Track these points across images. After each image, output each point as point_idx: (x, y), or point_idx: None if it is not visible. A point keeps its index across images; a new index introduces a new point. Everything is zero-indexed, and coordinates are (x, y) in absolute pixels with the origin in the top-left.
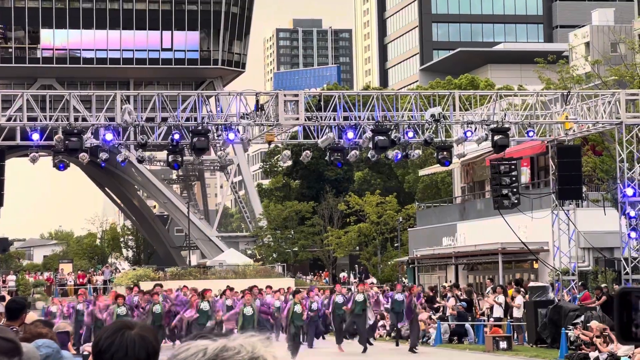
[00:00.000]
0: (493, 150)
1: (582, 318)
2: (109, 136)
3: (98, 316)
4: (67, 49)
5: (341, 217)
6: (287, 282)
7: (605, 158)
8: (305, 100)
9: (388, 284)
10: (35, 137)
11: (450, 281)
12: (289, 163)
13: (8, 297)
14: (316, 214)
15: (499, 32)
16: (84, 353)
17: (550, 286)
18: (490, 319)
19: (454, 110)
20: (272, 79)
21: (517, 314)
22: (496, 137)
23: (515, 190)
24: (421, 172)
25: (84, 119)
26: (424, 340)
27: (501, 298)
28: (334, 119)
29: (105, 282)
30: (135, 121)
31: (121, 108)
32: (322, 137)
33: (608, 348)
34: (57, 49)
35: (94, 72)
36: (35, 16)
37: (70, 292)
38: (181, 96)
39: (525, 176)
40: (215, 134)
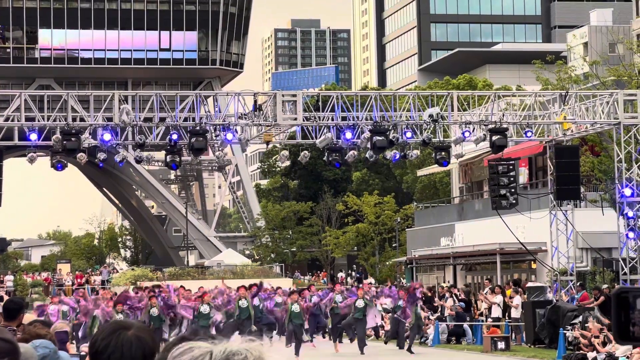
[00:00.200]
0: (491, 150)
1: (580, 318)
2: (107, 136)
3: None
4: (65, 49)
5: (339, 218)
6: (285, 283)
7: (603, 158)
8: (303, 100)
9: (381, 286)
10: (33, 137)
11: (448, 281)
12: (287, 163)
13: (6, 297)
14: (314, 214)
15: (497, 33)
16: (82, 353)
17: (548, 286)
18: (488, 320)
19: (452, 110)
20: (270, 79)
21: (515, 315)
22: (494, 138)
23: (513, 190)
24: (419, 173)
25: (82, 119)
26: (422, 340)
27: (499, 298)
28: (332, 119)
29: (103, 283)
30: (133, 121)
31: (119, 108)
32: (320, 138)
33: (606, 348)
34: (55, 49)
35: (92, 72)
36: (33, 16)
37: (68, 293)
38: (179, 96)
39: (523, 176)
40: (213, 134)
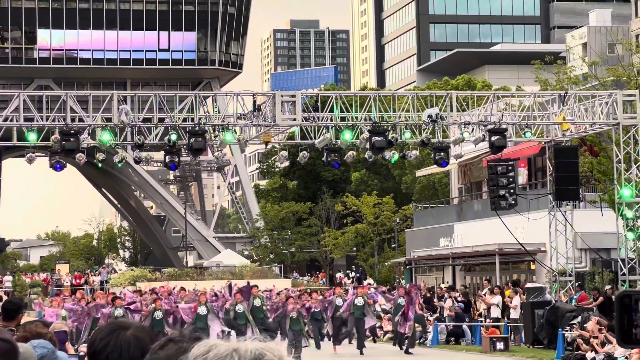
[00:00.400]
0: (490, 151)
1: (579, 319)
2: (106, 136)
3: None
4: (64, 49)
5: (338, 218)
6: (284, 283)
7: (602, 159)
8: (302, 100)
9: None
10: (31, 138)
11: (447, 282)
12: (286, 164)
13: (5, 298)
14: (313, 215)
15: (496, 33)
16: (80, 354)
17: (547, 287)
18: (487, 320)
19: (451, 111)
20: (270, 80)
21: (514, 315)
22: (493, 138)
23: (512, 191)
24: (418, 173)
25: (81, 120)
26: (421, 341)
27: (498, 299)
28: (331, 120)
29: (102, 283)
30: (132, 122)
31: (118, 108)
32: (319, 138)
33: (605, 349)
34: (54, 49)
35: (91, 73)
36: (32, 16)
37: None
38: (178, 97)
39: (522, 177)
40: (212, 135)
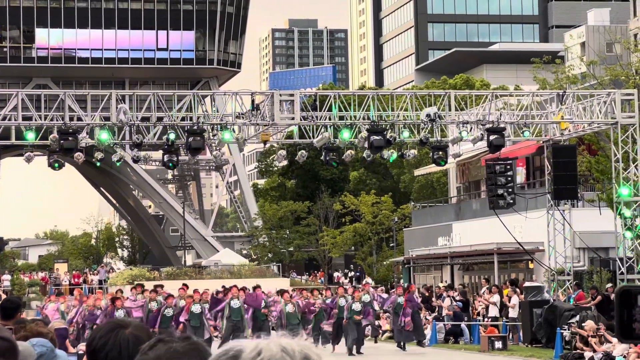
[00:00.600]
0: (488, 150)
1: (577, 318)
2: (104, 136)
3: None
4: (62, 49)
5: (336, 217)
6: (282, 282)
7: (600, 158)
8: (300, 100)
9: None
10: (30, 137)
11: (445, 281)
12: (285, 163)
13: (3, 297)
14: (311, 214)
15: (495, 32)
16: (79, 352)
17: (545, 286)
18: (486, 319)
19: (450, 110)
20: (268, 79)
21: (513, 314)
22: (492, 137)
23: (510, 190)
24: (417, 172)
25: (79, 119)
26: (420, 340)
27: (496, 298)
28: (330, 119)
29: (100, 282)
30: (130, 121)
31: (116, 108)
32: (318, 137)
33: (603, 347)
34: (52, 49)
35: (90, 72)
36: (30, 15)
37: (65, 292)
38: (177, 96)
39: (520, 176)
40: (210, 134)
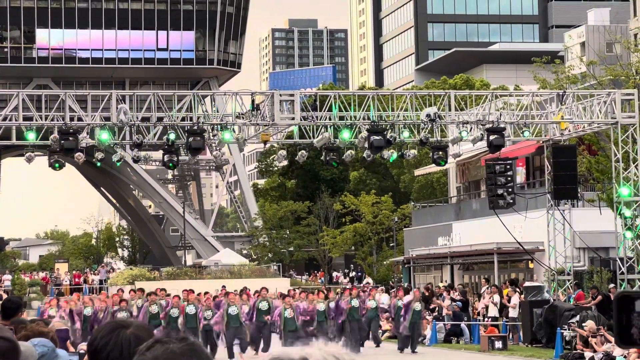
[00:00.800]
0: (488, 150)
1: (578, 318)
2: (105, 136)
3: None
4: (63, 49)
5: (337, 217)
6: (282, 282)
7: (600, 158)
8: (300, 100)
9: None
10: (30, 137)
11: (445, 281)
12: (285, 163)
13: (4, 296)
14: (312, 214)
15: (495, 32)
16: (80, 352)
17: (545, 286)
18: (486, 319)
19: (450, 110)
20: (268, 79)
21: (513, 314)
22: (491, 137)
23: (510, 190)
24: (417, 172)
25: (80, 119)
26: (420, 340)
27: (496, 298)
28: (330, 119)
29: (101, 282)
30: (130, 121)
31: (117, 108)
32: (318, 137)
33: (603, 348)
34: (53, 49)
35: (90, 72)
36: (30, 16)
37: (66, 292)
38: (177, 96)
39: (520, 176)
40: (210, 134)
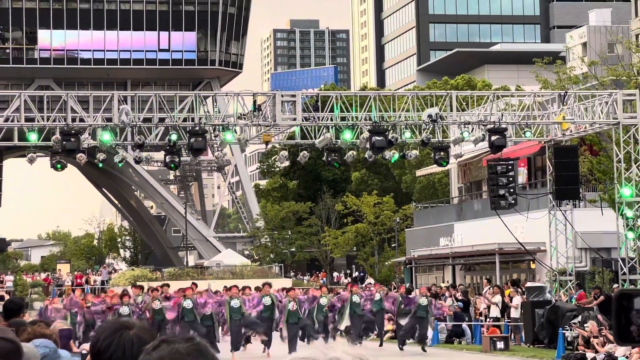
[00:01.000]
0: (490, 150)
1: (579, 318)
2: (107, 137)
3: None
4: (65, 50)
5: (338, 218)
6: (285, 283)
7: (602, 158)
8: (302, 100)
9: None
10: (32, 138)
11: (447, 281)
12: (286, 163)
13: (7, 297)
14: (313, 215)
15: (496, 33)
16: (82, 352)
17: (547, 286)
18: (488, 319)
19: (451, 110)
20: (270, 80)
21: (515, 314)
22: (493, 138)
23: (512, 190)
24: (418, 173)
25: (82, 120)
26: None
27: (498, 298)
28: (331, 120)
29: (102, 283)
30: (132, 122)
31: (118, 108)
32: (320, 138)
33: (605, 348)
34: (55, 50)
35: (92, 73)
36: (32, 17)
37: (67, 293)
38: (178, 97)
39: (522, 176)
40: (212, 135)
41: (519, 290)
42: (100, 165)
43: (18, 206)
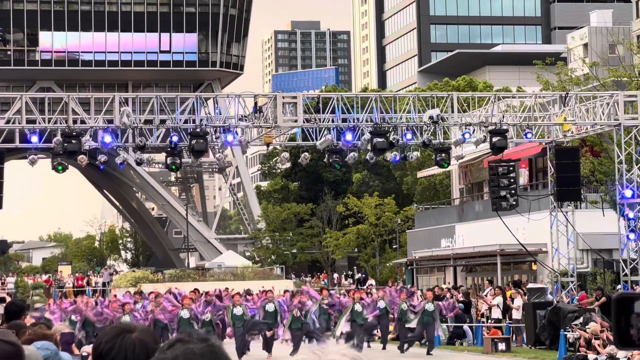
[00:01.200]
0: (491, 151)
1: (581, 319)
2: (108, 138)
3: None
4: (66, 52)
5: (340, 219)
6: (286, 284)
7: (603, 159)
8: (303, 102)
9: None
10: (34, 140)
11: (448, 283)
12: (288, 165)
13: (8, 299)
14: (315, 216)
15: (497, 34)
16: (84, 354)
17: (549, 287)
18: (489, 321)
19: (452, 112)
20: (271, 81)
21: (516, 316)
22: (494, 139)
23: (513, 191)
24: (419, 174)
25: (83, 121)
26: (423, 342)
27: (499, 299)
28: (333, 121)
29: (104, 285)
30: (133, 123)
31: (120, 110)
32: (321, 139)
33: (607, 350)
34: (56, 52)
35: (93, 75)
36: (33, 18)
37: (69, 294)
38: (179, 98)
39: (523, 178)
40: (213, 136)
41: (521, 291)
42: (101, 167)
43: (19, 208)
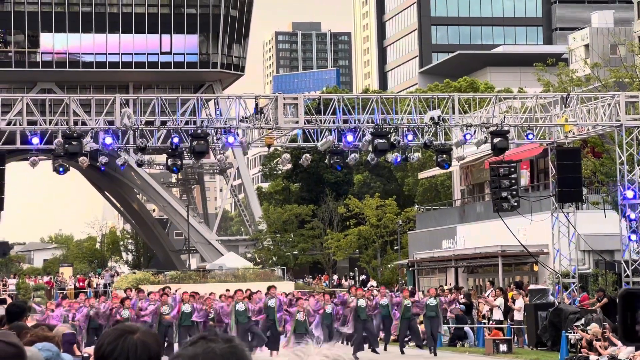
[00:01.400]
0: (492, 152)
1: (583, 321)
2: (109, 140)
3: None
4: (67, 53)
5: (341, 220)
6: (287, 286)
7: (605, 160)
8: (304, 103)
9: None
10: (35, 141)
11: (450, 284)
12: (289, 166)
13: (9, 300)
14: (316, 217)
15: (499, 35)
16: (84, 355)
17: (550, 289)
18: (490, 322)
19: (454, 113)
20: (272, 82)
21: (518, 317)
22: (495, 140)
23: (514, 192)
24: (420, 175)
25: (84, 123)
26: (424, 343)
27: (500, 301)
28: (334, 122)
29: (105, 286)
30: (134, 125)
31: (120, 112)
32: (322, 140)
33: (608, 351)
34: (57, 53)
35: (94, 76)
36: (34, 20)
37: (70, 296)
38: (180, 99)
39: (524, 179)
40: (214, 138)
41: (522, 292)
42: (102, 168)
43: (20, 209)
